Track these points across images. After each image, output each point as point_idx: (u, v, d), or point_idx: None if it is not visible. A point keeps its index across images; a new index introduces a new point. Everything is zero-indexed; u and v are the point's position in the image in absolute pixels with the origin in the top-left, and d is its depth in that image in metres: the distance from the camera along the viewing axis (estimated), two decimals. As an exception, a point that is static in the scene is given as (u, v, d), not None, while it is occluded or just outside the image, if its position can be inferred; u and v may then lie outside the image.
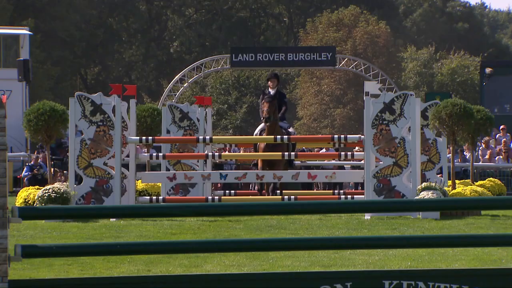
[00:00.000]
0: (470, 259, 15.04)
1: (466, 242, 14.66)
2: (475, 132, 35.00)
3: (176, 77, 60.58)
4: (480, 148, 43.93)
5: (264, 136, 29.34)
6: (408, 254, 16.23)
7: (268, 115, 27.99)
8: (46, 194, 29.03)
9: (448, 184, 32.68)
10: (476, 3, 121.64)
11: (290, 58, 60.73)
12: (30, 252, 11.36)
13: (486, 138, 43.14)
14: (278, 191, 30.33)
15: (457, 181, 33.89)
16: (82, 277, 12.73)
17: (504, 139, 46.30)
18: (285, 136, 28.79)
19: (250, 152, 34.65)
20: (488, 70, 60.02)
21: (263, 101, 28.01)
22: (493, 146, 46.06)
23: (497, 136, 46.25)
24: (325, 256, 16.04)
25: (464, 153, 40.37)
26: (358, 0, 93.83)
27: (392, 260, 15.76)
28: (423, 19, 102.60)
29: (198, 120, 31.69)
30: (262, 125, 29.33)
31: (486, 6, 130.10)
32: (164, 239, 20.80)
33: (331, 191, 33.27)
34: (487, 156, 45.16)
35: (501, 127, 46.00)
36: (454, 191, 31.98)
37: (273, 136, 30.20)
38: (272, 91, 28.27)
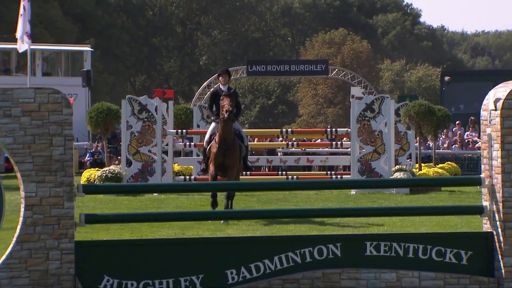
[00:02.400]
0: (432, 225, 14.96)
1: (429, 212, 14.58)
2: (437, 126, 34.84)
3: (204, 83, 60.40)
4: (440, 138, 43.81)
5: (280, 143, 29.40)
6: (384, 221, 16.19)
7: (231, 108, 19.49)
8: (104, 174, 28.98)
9: (416, 166, 32.58)
10: (437, 26, 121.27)
11: (293, 69, 60.53)
12: (91, 219, 11.32)
13: (445, 130, 43.02)
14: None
15: (422, 164, 33.73)
16: (131, 239, 12.69)
17: (459, 131, 46.28)
18: (289, 129, 28.28)
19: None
20: (446, 78, 59.75)
21: (222, 96, 19.71)
22: (450, 137, 46.02)
23: (453, 129, 46.22)
24: (320, 223, 16.01)
25: (428, 142, 40.17)
26: (346, 24, 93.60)
27: (372, 226, 15.69)
28: (396, 39, 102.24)
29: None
30: (213, 126, 20.71)
31: (445, 28, 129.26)
32: (195, 210, 20.77)
33: (325, 172, 33.09)
34: (445, 145, 45.06)
35: (457, 122, 46.00)
36: (420, 172, 31.89)
37: (284, 143, 30.06)
38: (223, 88, 20.21)
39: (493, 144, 11.23)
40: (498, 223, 11.15)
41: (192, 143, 31.32)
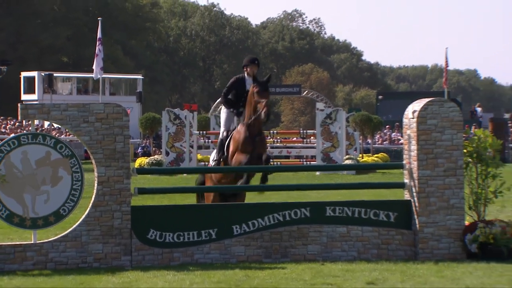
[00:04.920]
0: (371, 195, 14.92)
1: (368, 186, 14.56)
2: (373, 129, 34.91)
3: (217, 101, 60.58)
4: (376, 137, 43.92)
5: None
6: (339, 193, 16.15)
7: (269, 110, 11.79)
8: (150, 161, 29.01)
9: (359, 156, 32.61)
10: (374, 62, 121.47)
11: (277, 90, 60.69)
12: (142, 191, 11.31)
13: (379, 132, 43.10)
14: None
15: (364, 155, 33.75)
16: (169, 204, 12.67)
17: (389, 133, 46.35)
18: (275, 131, 27.96)
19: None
20: (380, 97, 59.90)
21: (259, 89, 11.61)
22: (383, 136, 46.05)
23: (385, 131, 46.30)
24: (295, 194, 16.00)
25: (368, 140, 40.25)
26: (313, 60, 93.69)
27: (331, 195, 15.65)
28: (346, 70, 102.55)
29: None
30: (226, 115, 12.42)
31: (379, 63, 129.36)
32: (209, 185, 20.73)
33: (299, 160, 33.13)
34: (379, 142, 45.13)
35: (387, 126, 46.10)
36: (362, 160, 31.91)
37: (271, 140, 30.21)
38: (249, 79, 12.02)
39: (411, 141, 11.24)
40: (414, 194, 11.15)
41: (209, 140, 31.46)
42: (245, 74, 12.24)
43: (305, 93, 62.03)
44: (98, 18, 37.31)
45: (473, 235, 10.96)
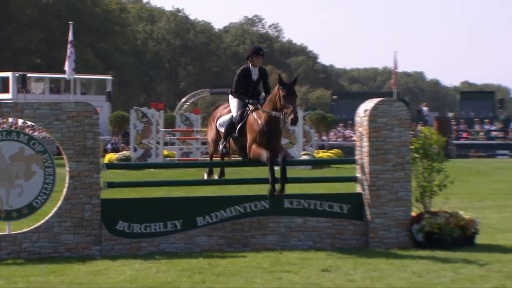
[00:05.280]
0: (326, 188, 14.98)
1: (323, 180, 14.65)
2: (328, 126, 35.04)
3: (182, 100, 60.43)
4: (331, 134, 44.09)
5: None
6: (296, 186, 16.14)
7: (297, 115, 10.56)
8: (119, 157, 28.83)
9: (315, 152, 32.71)
10: (329, 64, 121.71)
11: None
12: (111, 185, 11.24)
13: (333, 129, 43.29)
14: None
15: (319, 151, 33.87)
16: (136, 197, 12.62)
17: (342, 130, 46.55)
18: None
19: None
20: (334, 97, 60.12)
21: (288, 91, 10.47)
22: (337, 133, 46.22)
23: (339, 128, 46.50)
24: (256, 187, 15.96)
25: (323, 137, 40.40)
26: (272, 63, 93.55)
27: (288, 189, 15.64)
28: (303, 72, 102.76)
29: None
30: (236, 103, 11.26)
31: (333, 66, 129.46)
32: (176, 179, 20.66)
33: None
34: (334, 138, 45.31)
35: (341, 124, 46.30)
36: (318, 155, 32.01)
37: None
38: (254, 69, 11.19)
39: (363, 138, 11.31)
40: (365, 187, 11.23)
41: (175, 137, 31.39)
42: (250, 65, 11.26)
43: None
44: (70, 22, 37.00)
45: (420, 225, 11.07)
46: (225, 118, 11.44)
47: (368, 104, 11.37)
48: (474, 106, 56.22)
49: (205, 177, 12.04)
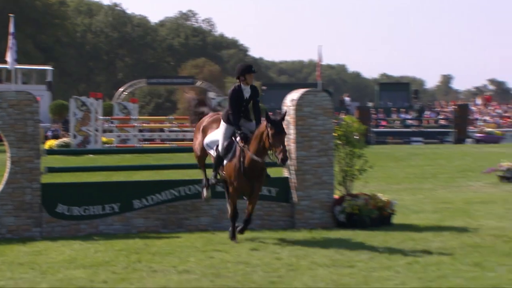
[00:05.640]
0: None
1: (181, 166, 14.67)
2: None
3: (120, 89, 59.74)
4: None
5: None
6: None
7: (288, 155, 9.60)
8: (59, 143, 28.38)
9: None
10: (259, 56, 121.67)
11: (175, 81, 60.10)
12: (51, 170, 11.10)
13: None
14: None
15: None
16: (75, 182, 12.43)
17: (274, 117, 46.74)
18: (172, 117, 27.43)
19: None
20: (264, 87, 60.31)
21: (273, 132, 9.50)
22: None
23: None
24: (190, 172, 15.88)
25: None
26: (205, 55, 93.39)
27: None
28: (234, 64, 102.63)
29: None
30: (226, 129, 10.06)
31: (263, 58, 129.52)
32: (114, 164, 20.41)
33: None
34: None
35: (270, 113, 46.53)
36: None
37: (169, 125, 29.80)
38: (246, 88, 10.01)
39: (290, 126, 11.36)
40: (292, 171, 11.30)
41: (113, 125, 31.01)
42: (241, 83, 10.02)
43: (198, 83, 61.89)
44: (10, 15, 36.18)
45: (341, 207, 11.20)
46: (213, 138, 10.25)
47: (295, 94, 11.43)
48: (391, 96, 57.14)
49: (204, 193, 10.71)
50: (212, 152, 10.29)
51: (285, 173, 11.50)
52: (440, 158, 27.55)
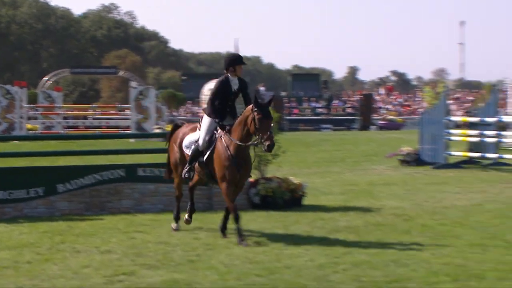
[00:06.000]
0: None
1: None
2: (178, 103, 34.76)
3: (44, 78, 58.35)
4: (182, 110, 43.82)
5: None
6: (149, 156, 15.75)
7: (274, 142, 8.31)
8: (-15, 130, 27.54)
9: (166, 126, 32.47)
10: (179, 48, 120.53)
11: (99, 71, 59.02)
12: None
13: (183, 106, 43.00)
14: None
15: (170, 125, 33.64)
16: (1, 167, 12.06)
17: (192, 107, 46.28)
18: (95, 105, 27.22)
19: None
20: (184, 77, 59.77)
21: (260, 117, 8.29)
22: (187, 109, 45.96)
23: (188, 105, 46.24)
24: (112, 157, 15.68)
25: (173, 112, 40.26)
26: (127, 46, 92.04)
27: (143, 159, 15.43)
28: (156, 55, 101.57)
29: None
30: (208, 123, 8.84)
31: (183, 50, 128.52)
32: (39, 150, 19.92)
33: (118, 129, 32.48)
34: (184, 114, 45.04)
35: (189, 102, 45.94)
36: (168, 129, 31.80)
37: (93, 112, 29.37)
38: (234, 80, 8.77)
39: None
40: (210, 156, 11.24)
41: (38, 112, 30.38)
42: (229, 75, 8.83)
43: (121, 73, 60.99)
44: None
45: (256, 190, 11.26)
46: (192, 138, 9.09)
47: (212, 84, 11.39)
48: (303, 86, 57.72)
49: (174, 225, 9.47)
50: (188, 151, 9.07)
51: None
52: (347, 144, 28.04)
